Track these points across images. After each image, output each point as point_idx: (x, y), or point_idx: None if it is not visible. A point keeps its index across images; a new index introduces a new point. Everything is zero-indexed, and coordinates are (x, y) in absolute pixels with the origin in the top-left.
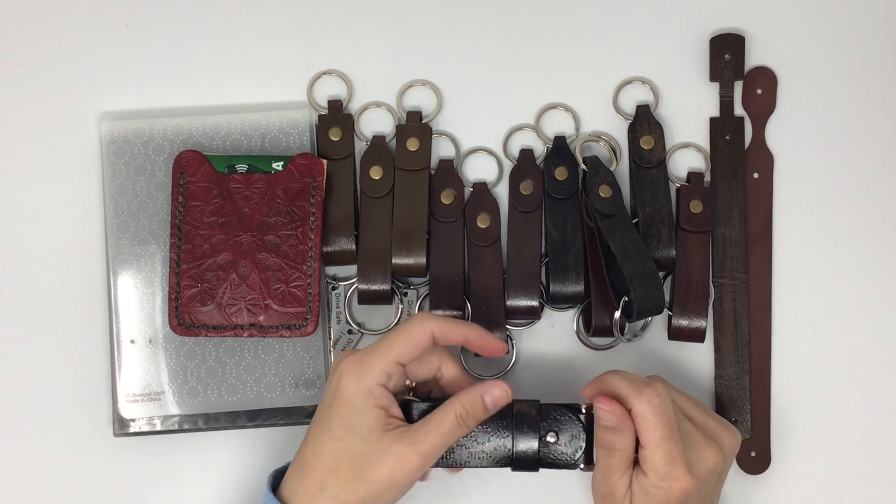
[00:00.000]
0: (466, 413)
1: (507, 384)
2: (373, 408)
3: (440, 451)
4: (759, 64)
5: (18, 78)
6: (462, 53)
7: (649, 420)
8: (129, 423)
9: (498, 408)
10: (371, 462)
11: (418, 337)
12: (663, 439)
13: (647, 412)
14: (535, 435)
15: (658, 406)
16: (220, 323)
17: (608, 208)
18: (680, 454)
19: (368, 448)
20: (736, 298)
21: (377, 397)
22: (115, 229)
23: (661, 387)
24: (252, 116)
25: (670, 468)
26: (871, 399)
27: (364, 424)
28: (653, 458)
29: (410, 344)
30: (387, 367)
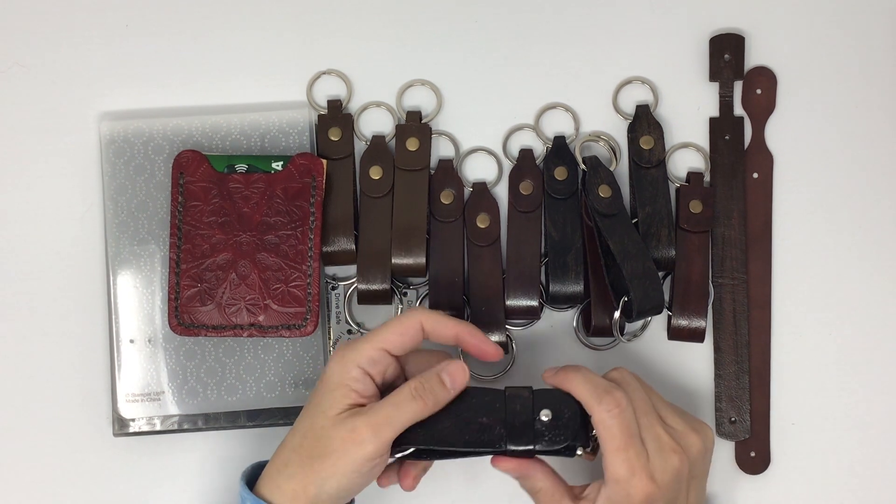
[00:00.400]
0: (422, 387)
1: (462, 363)
2: (343, 387)
3: (394, 424)
4: (759, 64)
5: (18, 78)
6: (462, 53)
7: (609, 429)
8: (128, 422)
9: (457, 385)
10: (327, 436)
11: (406, 326)
12: (622, 448)
13: (607, 421)
14: (529, 413)
15: (617, 416)
16: (220, 323)
17: (608, 208)
18: (641, 462)
19: (327, 423)
20: (736, 298)
21: (352, 379)
22: (115, 229)
23: (621, 396)
24: (251, 116)
25: (630, 476)
26: (871, 399)
27: (331, 402)
28: (613, 466)
29: (398, 332)
30: (370, 351)
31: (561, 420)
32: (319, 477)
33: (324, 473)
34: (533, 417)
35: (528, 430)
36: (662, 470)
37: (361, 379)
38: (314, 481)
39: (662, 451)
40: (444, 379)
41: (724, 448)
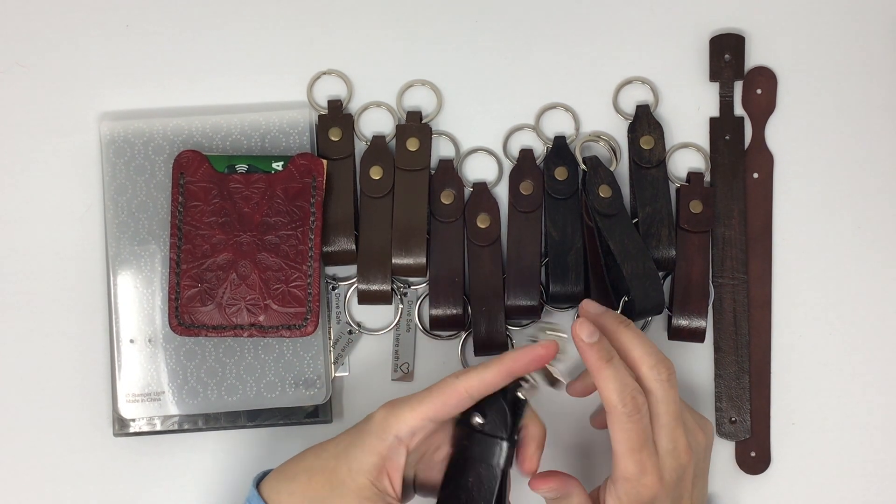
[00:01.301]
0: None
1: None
2: (377, 453)
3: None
4: (759, 64)
5: (18, 78)
6: (462, 53)
7: (626, 432)
8: (128, 422)
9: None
10: (340, 495)
11: (449, 395)
12: (636, 450)
13: (625, 423)
14: (469, 418)
15: (638, 421)
16: (220, 323)
17: (608, 208)
18: (652, 462)
19: (348, 484)
20: (736, 298)
21: (388, 445)
22: (115, 229)
23: (643, 402)
24: (252, 116)
25: (641, 475)
26: (871, 399)
27: (359, 461)
28: (624, 465)
29: (440, 400)
30: (413, 420)
31: (492, 419)
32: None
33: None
34: (466, 420)
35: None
36: (671, 469)
37: (394, 450)
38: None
39: (676, 451)
40: None
41: (725, 448)
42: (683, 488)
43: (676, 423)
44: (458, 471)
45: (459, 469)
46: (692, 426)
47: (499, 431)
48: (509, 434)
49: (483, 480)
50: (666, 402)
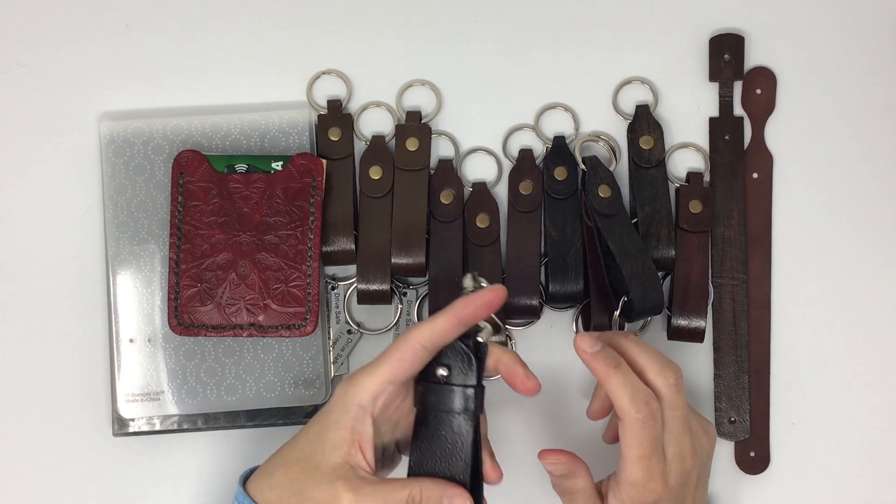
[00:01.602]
0: (420, 500)
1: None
2: (344, 428)
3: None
4: (759, 64)
5: (18, 78)
6: (462, 53)
7: (638, 438)
8: (128, 422)
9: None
10: (315, 480)
11: (406, 351)
12: (645, 457)
13: (638, 430)
14: (432, 374)
15: (651, 428)
16: (220, 323)
17: (607, 208)
18: (660, 468)
19: (322, 466)
20: (735, 298)
21: (352, 418)
22: (115, 229)
23: (657, 408)
24: (251, 116)
25: (647, 481)
26: (871, 399)
27: (329, 441)
28: (632, 469)
29: (396, 358)
30: (372, 386)
31: (457, 371)
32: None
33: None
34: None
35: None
36: (677, 473)
37: (360, 419)
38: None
39: (682, 456)
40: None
41: (724, 448)
42: (686, 492)
43: (684, 429)
44: (430, 427)
45: (430, 425)
46: (697, 430)
47: (466, 379)
48: (477, 380)
49: (459, 431)
50: (674, 407)
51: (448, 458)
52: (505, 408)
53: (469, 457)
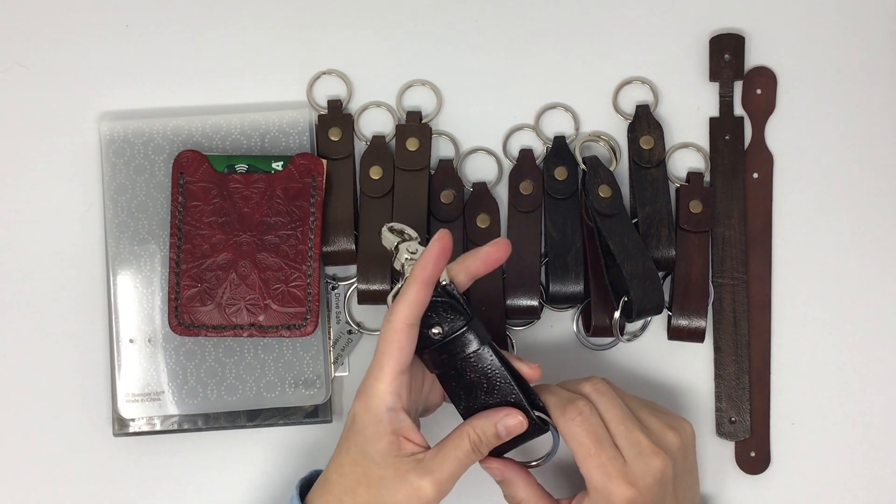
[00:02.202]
0: (480, 440)
1: (522, 415)
2: (385, 434)
3: (456, 477)
4: (759, 64)
5: (18, 78)
6: (462, 53)
7: (577, 437)
8: (128, 422)
9: (512, 436)
10: (388, 488)
11: (396, 337)
12: (593, 455)
13: (573, 429)
14: (428, 339)
15: (581, 423)
16: (220, 323)
17: (608, 208)
18: (616, 466)
19: (385, 473)
20: (736, 298)
21: (387, 423)
22: (115, 229)
23: (583, 404)
24: (252, 116)
25: (606, 481)
26: (871, 399)
27: (378, 451)
28: (587, 474)
29: (395, 348)
30: (390, 386)
31: (446, 329)
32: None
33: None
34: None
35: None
36: (643, 474)
37: (396, 418)
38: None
39: (642, 455)
40: (500, 433)
41: (725, 448)
42: (665, 492)
43: (629, 426)
44: (457, 380)
45: (456, 378)
46: (658, 427)
47: (457, 323)
48: (470, 315)
49: (482, 365)
50: (607, 408)
51: (491, 392)
52: None
53: (506, 376)
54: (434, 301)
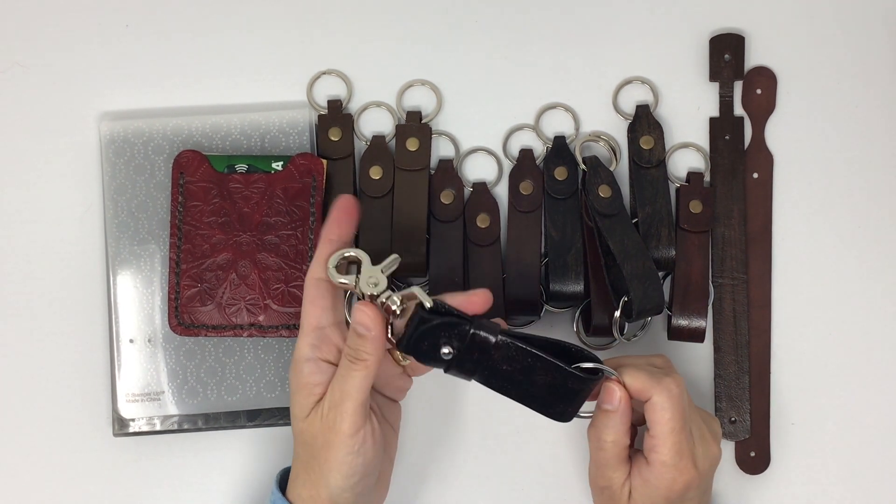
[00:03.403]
0: (351, 350)
1: (369, 306)
2: (304, 387)
3: (352, 393)
4: (759, 64)
5: (18, 78)
6: (462, 53)
7: (666, 411)
8: (128, 422)
9: (370, 326)
10: (311, 436)
11: (309, 292)
12: (674, 431)
13: (665, 403)
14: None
15: (677, 396)
16: (220, 323)
17: (608, 208)
18: (688, 447)
19: (304, 426)
20: (736, 298)
21: (307, 374)
22: (115, 229)
23: (680, 379)
24: (252, 116)
25: (678, 461)
26: (871, 399)
27: (298, 405)
28: (663, 447)
29: (308, 302)
30: (306, 339)
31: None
32: (322, 475)
33: (323, 470)
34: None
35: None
36: (704, 457)
37: (317, 370)
38: (320, 481)
39: (704, 439)
40: (359, 332)
41: (725, 448)
42: (709, 482)
43: (693, 410)
44: (497, 377)
45: (495, 376)
46: (706, 416)
47: (464, 327)
48: (468, 319)
49: (511, 355)
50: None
51: (530, 372)
52: (507, 408)
53: (534, 353)
54: (429, 328)
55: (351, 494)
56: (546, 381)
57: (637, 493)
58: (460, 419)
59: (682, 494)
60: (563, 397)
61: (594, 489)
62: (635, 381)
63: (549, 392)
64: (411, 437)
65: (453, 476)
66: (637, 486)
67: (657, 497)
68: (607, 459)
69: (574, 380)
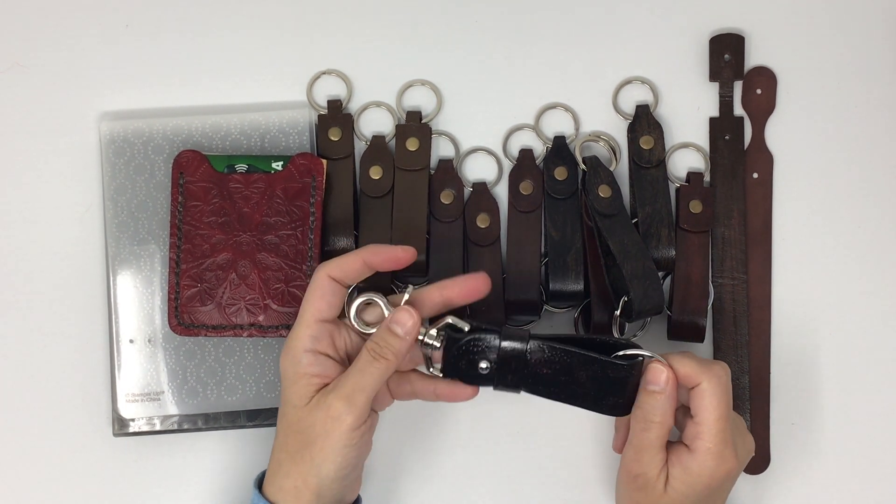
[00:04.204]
0: (378, 346)
1: (413, 311)
2: (302, 376)
3: (365, 389)
4: (759, 64)
5: (18, 78)
6: (462, 53)
7: (715, 397)
8: (128, 422)
9: (408, 329)
10: (307, 424)
11: (320, 286)
12: (722, 419)
13: (715, 389)
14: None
15: (725, 384)
16: (220, 323)
17: (608, 208)
18: (731, 436)
19: (303, 414)
20: (736, 298)
21: (305, 365)
22: (115, 229)
23: (728, 368)
24: (252, 116)
25: (722, 448)
26: (871, 399)
27: (296, 394)
28: (708, 435)
29: (317, 296)
30: (307, 329)
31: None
32: (314, 465)
33: (317, 460)
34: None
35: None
36: (743, 449)
37: (315, 361)
38: (310, 471)
39: (742, 432)
40: (394, 330)
41: None
42: (737, 476)
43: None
44: (539, 383)
45: (538, 382)
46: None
47: (493, 339)
48: (495, 329)
49: (546, 358)
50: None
51: (571, 371)
52: (508, 409)
53: (570, 351)
54: (460, 346)
55: (339, 486)
56: (588, 375)
57: (676, 481)
58: (460, 419)
59: (722, 484)
60: (610, 389)
61: (624, 478)
62: (684, 366)
63: (595, 387)
64: (411, 436)
65: (455, 476)
66: (676, 474)
67: (699, 485)
68: (651, 441)
69: (614, 369)
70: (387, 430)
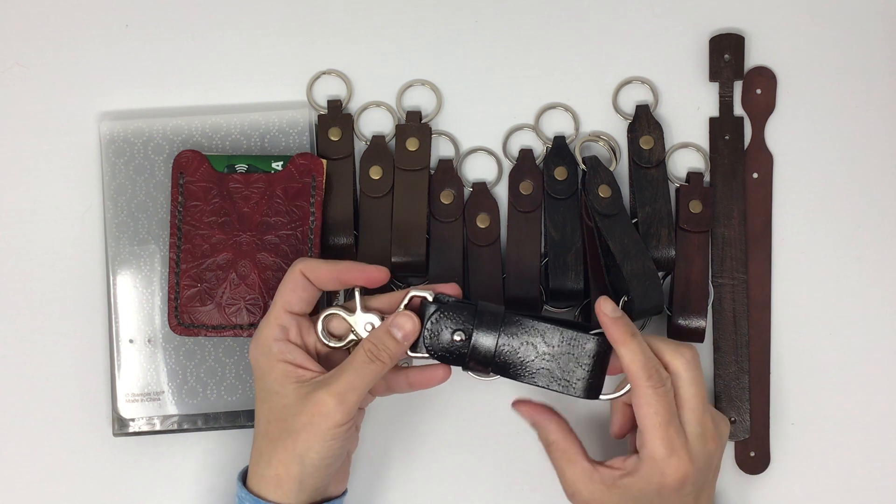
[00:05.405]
0: (376, 348)
1: (415, 318)
2: (276, 363)
3: (358, 388)
4: (759, 64)
5: (18, 78)
6: (462, 53)
7: (652, 406)
8: (128, 422)
9: (407, 335)
10: (292, 412)
11: (291, 279)
12: (662, 426)
13: (651, 398)
14: (461, 358)
15: (663, 395)
16: (220, 323)
17: (607, 208)
18: (679, 441)
19: (287, 401)
20: (735, 298)
21: (276, 353)
22: (115, 229)
23: (667, 376)
24: (252, 116)
25: (668, 455)
26: (871, 399)
27: (275, 380)
28: (651, 443)
29: (287, 289)
30: (276, 320)
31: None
32: (297, 453)
33: (300, 448)
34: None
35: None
36: (699, 454)
37: (287, 350)
38: (293, 458)
39: (704, 436)
40: (394, 333)
41: (725, 448)
42: (708, 478)
43: (704, 408)
44: (522, 369)
45: (519, 367)
46: (716, 414)
47: (468, 308)
48: (470, 301)
49: (520, 332)
50: (691, 383)
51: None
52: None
53: (546, 326)
54: (440, 310)
55: (322, 475)
56: (558, 351)
57: (627, 488)
58: (457, 419)
59: (677, 490)
60: (578, 362)
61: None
62: (628, 364)
63: (565, 362)
64: (410, 436)
65: (452, 475)
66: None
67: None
68: (555, 460)
69: (579, 337)
70: (374, 424)
